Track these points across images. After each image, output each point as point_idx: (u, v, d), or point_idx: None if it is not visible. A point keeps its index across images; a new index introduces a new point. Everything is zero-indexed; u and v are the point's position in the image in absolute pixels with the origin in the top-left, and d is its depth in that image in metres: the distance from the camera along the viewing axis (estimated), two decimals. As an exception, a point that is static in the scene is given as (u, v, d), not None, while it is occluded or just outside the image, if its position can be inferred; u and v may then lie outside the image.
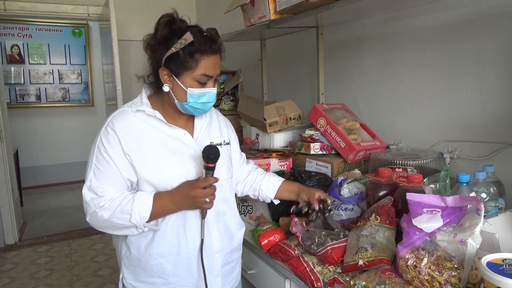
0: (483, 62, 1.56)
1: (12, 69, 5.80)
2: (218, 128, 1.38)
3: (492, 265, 0.82)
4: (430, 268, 0.98)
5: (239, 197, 1.62)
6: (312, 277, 1.21)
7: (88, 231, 4.23)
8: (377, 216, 1.22)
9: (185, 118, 1.29)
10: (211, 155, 1.16)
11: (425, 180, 1.27)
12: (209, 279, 1.24)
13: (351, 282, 1.09)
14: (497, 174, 1.35)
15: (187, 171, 1.22)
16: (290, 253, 1.36)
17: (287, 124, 2.10)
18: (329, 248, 1.24)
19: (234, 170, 1.42)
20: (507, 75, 1.48)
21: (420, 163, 1.52)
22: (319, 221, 1.38)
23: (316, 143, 1.83)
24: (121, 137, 1.17)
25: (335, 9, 1.53)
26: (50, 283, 3.19)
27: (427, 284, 0.98)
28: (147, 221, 1.16)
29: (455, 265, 0.96)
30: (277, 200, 1.51)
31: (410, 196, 1.08)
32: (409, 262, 1.02)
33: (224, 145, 1.35)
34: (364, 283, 1.05)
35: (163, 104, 1.25)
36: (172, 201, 1.18)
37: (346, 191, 1.50)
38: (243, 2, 1.95)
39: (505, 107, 1.50)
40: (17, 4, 3.77)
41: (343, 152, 1.74)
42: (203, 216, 1.21)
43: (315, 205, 1.35)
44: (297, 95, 2.70)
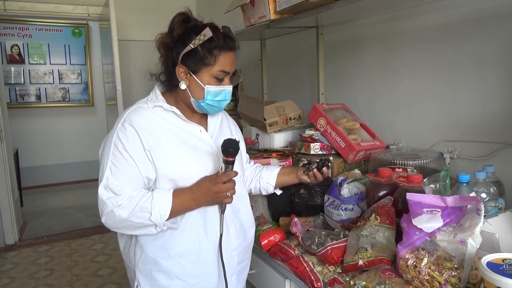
0: (483, 62, 1.56)
1: (12, 69, 5.80)
2: (228, 128, 1.40)
3: (492, 265, 0.82)
4: (430, 268, 0.98)
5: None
6: (312, 277, 1.21)
7: (88, 231, 4.23)
8: (377, 216, 1.21)
9: (197, 117, 1.28)
10: (230, 148, 1.15)
11: (425, 180, 1.27)
12: (228, 278, 1.23)
13: (351, 282, 1.09)
14: (497, 174, 1.35)
15: (206, 167, 1.21)
16: (290, 253, 1.36)
17: (287, 124, 2.10)
18: (329, 248, 1.24)
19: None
20: (507, 75, 1.48)
21: (420, 163, 1.52)
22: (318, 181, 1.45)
23: (316, 143, 1.83)
24: (141, 133, 1.14)
25: (335, 9, 1.53)
26: (50, 283, 3.19)
27: (427, 284, 0.98)
28: (166, 219, 1.14)
29: (455, 265, 0.96)
30: (279, 189, 1.53)
31: (410, 196, 1.08)
32: (409, 262, 1.02)
33: None
34: (364, 283, 1.05)
35: (177, 101, 1.24)
36: (192, 198, 1.16)
37: (346, 191, 1.50)
38: (243, 2, 1.95)
39: (505, 107, 1.50)
40: (17, 4, 3.77)
41: (343, 152, 1.74)
42: (222, 211, 1.20)
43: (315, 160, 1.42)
44: (297, 95, 2.70)
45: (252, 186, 1.54)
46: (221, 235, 1.21)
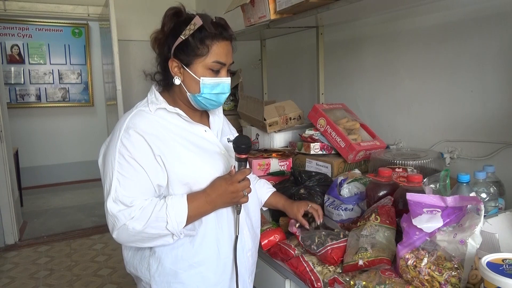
0: (483, 62, 1.56)
1: (12, 69, 5.80)
2: (227, 126, 1.36)
3: (492, 265, 0.82)
4: (430, 268, 0.98)
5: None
6: (312, 277, 1.21)
7: (88, 231, 4.24)
8: (377, 216, 1.21)
9: (198, 115, 1.24)
10: (243, 145, 1.11)
11: (425, 180, 1.27)
12: (243, 279, 1.21)
13: (351, 282, 1.09)
14: (497, 174, 1.35)
15: (217, 168, 1.16)
16: (290, 253, 1.36)
17: (287, 124, 2.10)
18: (329, 248, 1.24)
19: None
20: (507, 75, 1.48)
21: (420, 163, 1.52)
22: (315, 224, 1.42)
23: (316, 143, 1.83)
24: (148, 139, 1.07)
25: (335, 9, 1.53)
26: (50, 283, 3.19)
27: (427, 284, 0.98)
28: (183, 226, 1.08)
29: (455, 265, 0.96)
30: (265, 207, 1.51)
31: (410, 196, 1.07)
32: (409, 262, 1.02)
33: None
34: (364, 283, 1.05)
35: (175, 101, 1.19)
36: (207, 201, 1.10)
37: (346, 191, 1.50)
38: (243, 2, 1.95)
39: (505, 107, 1.50)
40: (17, 4, 3.77)
41: (343, 152, 1.74)
42: (238, 212, 1.16)
43: (301, 221, 1.40)
44: (297, 95, 2.70)
45: None
46: (236, 237, 1.17)
